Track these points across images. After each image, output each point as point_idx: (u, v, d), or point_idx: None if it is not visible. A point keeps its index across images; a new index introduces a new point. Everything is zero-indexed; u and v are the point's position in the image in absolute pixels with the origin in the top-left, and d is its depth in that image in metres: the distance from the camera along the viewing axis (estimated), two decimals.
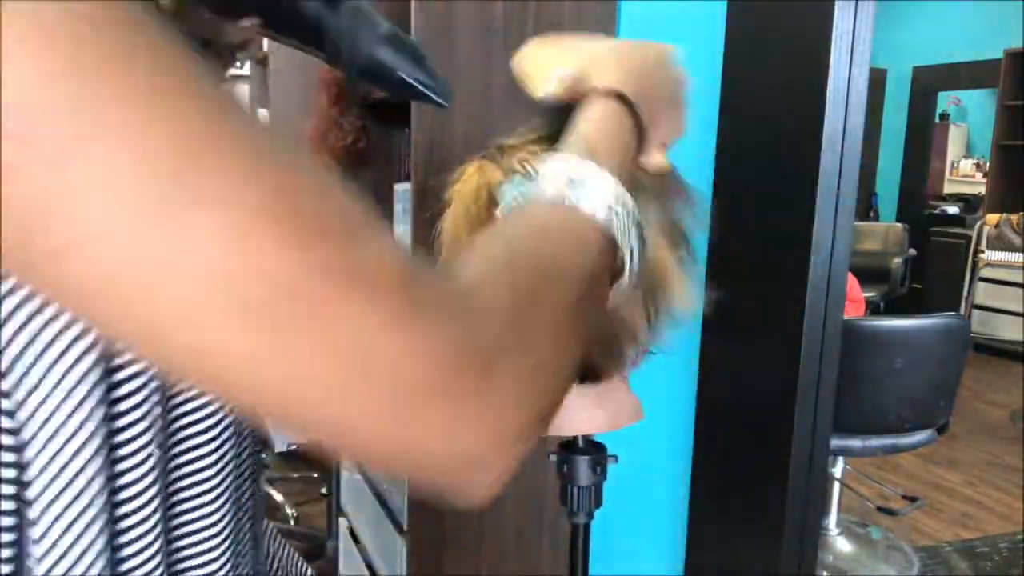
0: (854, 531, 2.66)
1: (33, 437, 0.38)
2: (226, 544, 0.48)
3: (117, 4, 0.23)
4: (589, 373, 0.64)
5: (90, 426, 0.39)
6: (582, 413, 0.67)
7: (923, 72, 6.29)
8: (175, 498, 0.46)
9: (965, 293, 4.80)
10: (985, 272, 4.94)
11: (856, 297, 2.91)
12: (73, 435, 0.38)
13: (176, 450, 0.46)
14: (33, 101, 0.22)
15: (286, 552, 0.67)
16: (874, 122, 6.22)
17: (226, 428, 0.48)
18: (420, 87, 0.72)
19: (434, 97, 0.73)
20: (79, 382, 0.38)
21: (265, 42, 2.40)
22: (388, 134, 1.84)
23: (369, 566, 1.81)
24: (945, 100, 6.55)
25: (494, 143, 0.62)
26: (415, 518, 1.42)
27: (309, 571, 0.68)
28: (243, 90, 2.86)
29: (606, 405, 0.67)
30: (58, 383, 0.38)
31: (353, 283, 0.25)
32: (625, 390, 0.69)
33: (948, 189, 6.74)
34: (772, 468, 1.44)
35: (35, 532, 0.38)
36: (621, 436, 0.70)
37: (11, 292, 0.36)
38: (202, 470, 0.47)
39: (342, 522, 2.11)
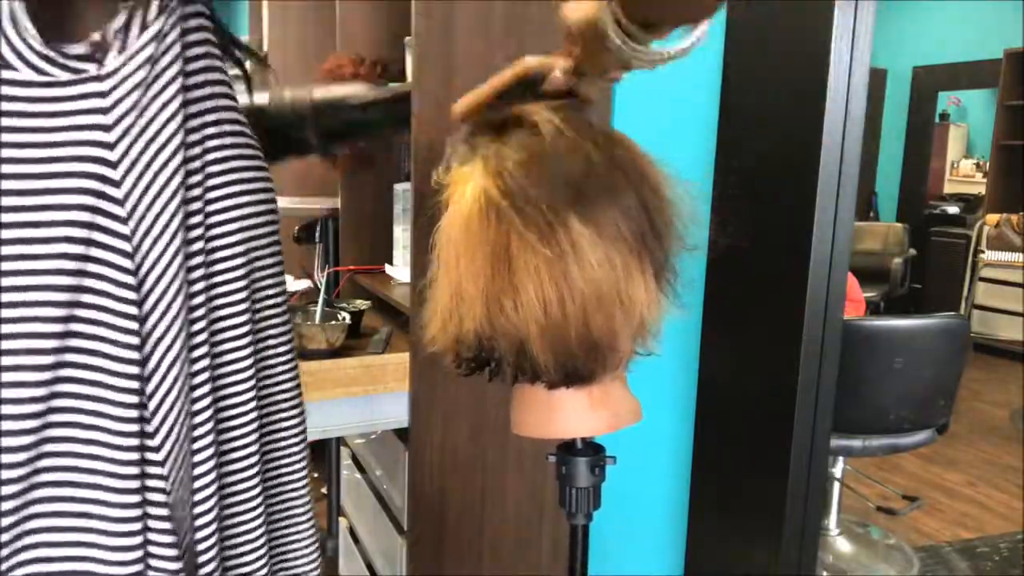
0: (854, 531, 2.66)
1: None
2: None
3: None
4: (580, 375, 0.63)
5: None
6: (582, 415, 0.66)
7: (923, 72, 6.29)
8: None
9: (965, 293, 4.80)
10: (985, 272, 4.94)
11: (856, 297, 2.91)
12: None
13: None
14: None
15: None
16: (874, 122, 6.22)
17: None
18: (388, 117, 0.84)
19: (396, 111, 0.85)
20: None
21: (265, 41, 2.40)
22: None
23: (369, 566, 1.81)
24: (945, 100, 6.54)
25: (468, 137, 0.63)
26: (415, 518, 1.42)
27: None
28: (242, 89, 2.85)
29: (605, 407, 0.66)
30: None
31: None
32: (624, 391, 0.69)
33: (948, 189, 6.73)
34: (772, 468, 1.44)
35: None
36: (621, 436, 0.70)
37: None
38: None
39: (342, 522, 2.11)
